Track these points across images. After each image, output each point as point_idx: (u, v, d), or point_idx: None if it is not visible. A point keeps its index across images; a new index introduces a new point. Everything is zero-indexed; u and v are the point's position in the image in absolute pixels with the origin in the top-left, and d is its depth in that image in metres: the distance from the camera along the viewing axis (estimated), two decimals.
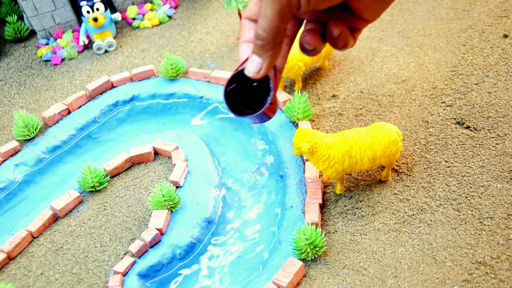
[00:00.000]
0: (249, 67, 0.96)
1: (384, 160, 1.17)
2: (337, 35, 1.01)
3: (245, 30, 1.00)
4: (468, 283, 1.01)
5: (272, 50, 0.95)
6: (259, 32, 0.92)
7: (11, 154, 1.49)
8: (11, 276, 1.22)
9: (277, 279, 1.06)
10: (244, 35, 1.00)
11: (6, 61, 1.89)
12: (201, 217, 1.26)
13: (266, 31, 0.92)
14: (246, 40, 1.00)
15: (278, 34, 0.93)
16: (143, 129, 1.58)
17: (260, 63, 0.96)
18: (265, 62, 0.96)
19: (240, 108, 1.05)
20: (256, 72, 0.97)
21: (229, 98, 1.06)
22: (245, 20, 0.99)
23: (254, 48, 0.95)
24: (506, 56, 1.47)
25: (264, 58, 0.96)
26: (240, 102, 1.05)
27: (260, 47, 0.94)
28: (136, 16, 1.97)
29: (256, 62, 0.96)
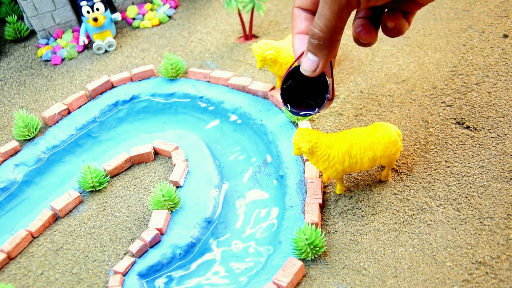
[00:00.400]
0: (304, 65, 0.97)
1: (384, 160, 1.17)
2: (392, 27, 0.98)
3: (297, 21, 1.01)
4: (468, 283, 1.01)
5: (329, 49, 0.95)
6: (316, 31, 0.92)
7: (11, 154, 1.49)
8: (11, 276, 1.22)
9: (277, 279, 1.06)
10: (296, 26, 1.01)
11: (6, 61, 1.89)
12: (201, 217, 1.26)
13: (324, 31, 0.92)
14: (299, 31, 1.01)
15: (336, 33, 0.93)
16: (143, 129, 1.58)
17: (316, 61, 0.96)
18: (321, 60, 0.96)
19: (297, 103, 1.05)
20: (313, 71, 0.97)
21: (286, 95, 1.05)
22: (296, 10, 1.02)
23: (310, 47, 0.95)
24: (506, 56, 1.47)
25: (321, 57, 0.96)
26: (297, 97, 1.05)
27: (317, 46, 0.94)
28: (136, 16, 1.97)
29: (312, 60, 0.96)
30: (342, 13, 0.90)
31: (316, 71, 0.97)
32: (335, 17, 0.90)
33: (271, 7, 1.93)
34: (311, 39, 0.94)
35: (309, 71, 0.97)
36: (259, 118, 1.47)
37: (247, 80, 1.57)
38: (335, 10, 0.89)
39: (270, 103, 1.51)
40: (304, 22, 1.00)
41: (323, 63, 0.97)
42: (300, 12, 1.02)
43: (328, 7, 0.89)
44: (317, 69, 0.97)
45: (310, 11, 1.01)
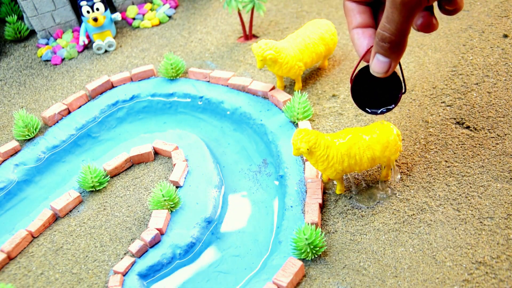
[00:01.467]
0: (376, 67, 0.97)
1: (383, 160, 1.17)
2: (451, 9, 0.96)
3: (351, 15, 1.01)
4: (468, 283, 1.01)
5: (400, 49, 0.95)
6: (387, 35, 0.92)
7: (11, 154, 1.49)
8: (11, 276, 1.22)
9: (277, 279, 1.06)
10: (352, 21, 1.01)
11: (6, 61, 1.89)
12: (201, 217, 1.26)
13: (395, 35, 0.92)
14: (356, 26, 1.00)
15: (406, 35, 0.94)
16: (143, 128, 1.58)
17: (388, 62, 0.96)
18: (393, 61, 0.96)
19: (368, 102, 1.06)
20: (385, 72, 0.97)
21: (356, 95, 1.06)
22: (348, 3, 1.01)
23: (380, 49, 0.95)
24: (506, 56, 1.47)
25: (393, 58, 0.96)
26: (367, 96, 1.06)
27: (388, 49, 0.94)
28: (136, 16, 1.97)
29: (383, 62, 0.96)
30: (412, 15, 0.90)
31: (388, 72, 0.97)
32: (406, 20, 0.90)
33: (271, 7, 1.93)
34: (381, 42, 0.94)
35: (382, 72, 0.97)
36: (259, 118, 1.47)
37: (247, 80, 1.57)
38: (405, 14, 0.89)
39: (270, 103, 1.51)
40: (359, 16, 0.99)
41: (395, 63, 0.97)
42: (352, 6, 1.00)
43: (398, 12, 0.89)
44: (390, 70, 0.97)
45: (362, 3, 1.00)
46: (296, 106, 1.40)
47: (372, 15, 1.01)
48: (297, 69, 1.46)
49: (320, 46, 1.48)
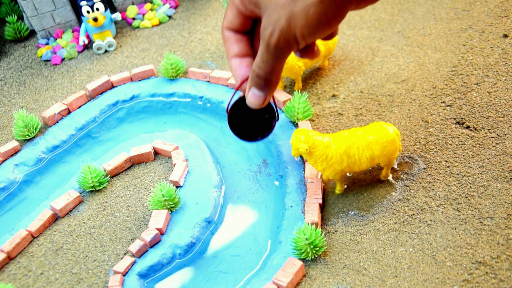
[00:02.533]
0: (251, 100, 1.01)
1: (382, 160, 1.17)
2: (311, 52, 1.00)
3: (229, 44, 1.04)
4: (468, 283, 1.01)
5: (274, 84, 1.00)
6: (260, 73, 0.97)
7: (11, 154, 1.49)
8: (11, 276, 1.22)
9: (277, 279, 1.06)
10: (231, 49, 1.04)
11: (6, 61, 1.89)
12: (201, 217, 1.26)
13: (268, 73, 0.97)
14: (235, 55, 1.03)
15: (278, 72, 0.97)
16: (143, 128, 1.58)
17: (262, 96, 1.00)
18: (267, 94, 1.00)
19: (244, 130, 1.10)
20: (260, 105, 1.02)
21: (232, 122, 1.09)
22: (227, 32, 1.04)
23: (255, 84, 0.99)
24: (506, 56, 1.47)
25: (266, 92, 1.00)
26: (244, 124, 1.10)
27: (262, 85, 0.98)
28: (136, 16, 1.97)
29: (258, 95, 1.00)
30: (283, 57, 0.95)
31: (263, 104, 1.03)
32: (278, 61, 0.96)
33: None
34: (256, 78, 0.99)
35: (257, 105, 1.03)
36: None
37: None
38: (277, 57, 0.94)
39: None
40: (236, 45, 1.04)
41: (268, 96, 1.02)
42: (230, 35, 1.04)
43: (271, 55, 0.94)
44: (265, 102, 1.02)
45: (239, 31, 1.04)
46: (296, 106, 1.40)
47: (250, 43, 1.05)
48: (297, 69, 1.46)
49: (320, 46, 1.48)
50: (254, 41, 1.05)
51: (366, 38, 1.68)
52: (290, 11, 0.87)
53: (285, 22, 0.89)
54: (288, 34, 0.90)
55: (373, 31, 1.71)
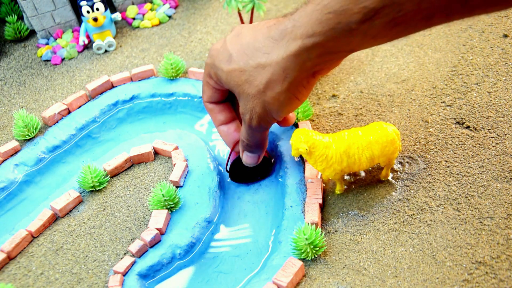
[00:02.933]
0: (247, 161, 1.16)
1: (382, 160, 1.17)
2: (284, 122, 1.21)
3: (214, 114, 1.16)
4: (468, 283, 1.01)
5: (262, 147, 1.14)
6: (248, 143, 1.10)
7: (11, 154, 1.49)
8: (11, 276, 1.22)
9: (277, 279, 1.06)
10: (217, 119, 1.17)
11: (6, 61, 1.89)
12: (201, 217, 1.26)
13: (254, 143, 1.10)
14: (221, 123, 1.17)
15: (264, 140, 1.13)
16: (143, 128, 1.58)
17: (255, 156, 1.15)
18: (259, 154, 1.16)
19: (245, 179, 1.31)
20: (255, 163, 1.17)
21: (234, 177, 1.31)
22: (209, 105, 1.15)
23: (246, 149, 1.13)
24: (506, 56, 1.48)
25: (257, 153, 1.15)
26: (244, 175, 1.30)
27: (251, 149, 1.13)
28: (136, 16, 1.97)
29: (251, 157, 1.15)
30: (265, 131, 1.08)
31: (258, 161, 1.17)
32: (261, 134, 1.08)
33: (271, 7, 1.93)
34: (245, 146, 1.12)
35: (253, 163, 1.17)
36: None
37: None
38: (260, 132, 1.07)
39: None
40: (220, 115, 1.16)
41: (261, 155, 1.16)
42: (212, 106, 1.15)
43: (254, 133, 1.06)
44: (259, 160, 1.17)
45: (219, 103, 1.15)
46: None
47: (232, 108, 1.17)
48: None
49: None
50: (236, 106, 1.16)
51: None
52: (263, 100, 0.96)
53: (260, 109, 0.98)
54: (266, 117, 1.00)
55: None
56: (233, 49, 0.97)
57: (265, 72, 0.92)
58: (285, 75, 0.91)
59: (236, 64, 0.96)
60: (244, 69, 0.95)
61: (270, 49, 0.92)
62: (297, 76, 0.92)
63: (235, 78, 0.97)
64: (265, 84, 0.93)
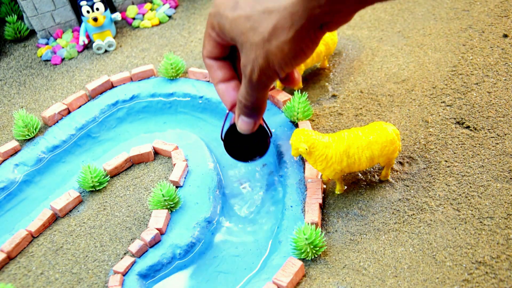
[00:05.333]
0: (241, 126, 1.07)
1: (382, 160, 1.17)
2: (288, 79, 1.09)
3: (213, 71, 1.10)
4: (468, 283, 1.01)
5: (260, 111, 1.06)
6: (246, 103, 1.02)
7: (11, 154, 1.49)
8: (11, 276, 1.22)
9: (277, 278, 1.06)
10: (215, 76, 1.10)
11: (6, 61, 1.89)
12: (201, 216, 1.26)
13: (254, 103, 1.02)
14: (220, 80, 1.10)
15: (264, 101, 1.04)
16: (143, 128, 1.58)
17: (251, 122, 1.07)
18: (255, 120, 1.07)
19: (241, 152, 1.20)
20: (250, 130, 1.08)
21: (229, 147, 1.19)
22: (208, 60, 1.09)
23: (242, 112, 1.05)
24: (506, 56, 1.48)
25: (254, 118, 1.06)
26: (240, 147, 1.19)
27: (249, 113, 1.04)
28: (136, 16, 1.97)
29: (247, 122, 1.07)
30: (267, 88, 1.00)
31: (253, 129, 1.08)
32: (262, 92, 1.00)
33: None
34: (242, 107, 1.04)
35: (247, 130, 1.08)
36: None
37: None
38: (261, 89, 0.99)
39: (269, 103, 1.51)
40: (220, 71, 1.09)
41: (257, 121, 1.08)
42: (212, 62, 1.09)
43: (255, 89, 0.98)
44: (254, 127, 1.08)
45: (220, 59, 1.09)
46: (296, 106, 1.40)
47: (232, 67, 1.10)
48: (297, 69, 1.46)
49: (320, 46, 1.48)
50: (236, 64, 1.10)
51: (366, 38, 1.68)
52: (266, 50, 0.91)
53: (263, 60, 0.92)
54: (268, 70, 0.94)
55: (373, 31, 1.71)
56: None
57: (272, 17, 0.87)
58: (292, 22, 0.86)
59: (242, 10, 0.90)
60: (250, 15, 0.89)
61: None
62: (304, 24, 0.86)
63: (240, 25, 0.91)
64: (270, 30, 0.88)
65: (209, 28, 1.02)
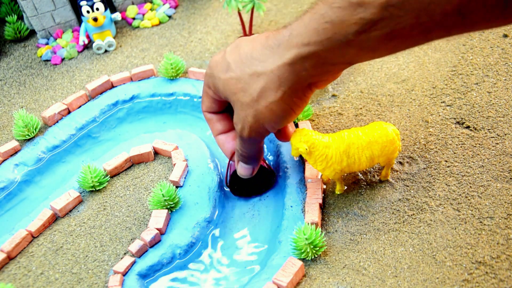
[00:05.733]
0: (241, 172, 1.14)
1: (382, 159, 1.17)
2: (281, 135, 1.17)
3: (213, 124, 1.16)
4: (468, 283, 1.01)
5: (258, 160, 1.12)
6: (242, 153, 1.08)
7: (11, 154, 1.49)
8: (11, 276, 1.22)
9: (277, 278, 1.06)
10: (215, 128, 1.16)
11: (6, 61, 1.89)
12: (201, 217, 1.26)
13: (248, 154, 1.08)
14: (219, 132, 1.16)
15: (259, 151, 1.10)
16: (143, 128, 1.58)
17: (250, 168, 1.13)
18: (254, 166, 1.14)
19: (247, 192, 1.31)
20: (250, 175, 1.15)
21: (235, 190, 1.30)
22: (208, 114, 1.15)
23: (240, 159, 1.11)
24: (506, 56, 1.48)
25: (252, 165, 1.12)
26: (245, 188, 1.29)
27: (247, 161, 1.10)
28: (136, 16, 1.97)
29: (246, 167, 1.13)
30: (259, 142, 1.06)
31: (253, 174, 1.15)
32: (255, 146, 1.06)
33: (271, 7, 1.93)
34: (240, 156, 1.09)
35: (247, 175, 1.15)
36: None
37: None
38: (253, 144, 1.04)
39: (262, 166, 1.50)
40: (219, 124, 1.15)
41: (256, 166, 1.14)
42: (211, 116, 1.14)
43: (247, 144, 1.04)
44: (253, 172, 1.15)
45: (218, 113, 1.14)
46: None
47: (230, 118, 1.15)
48: None
49: None
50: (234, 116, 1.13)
51: None
52: (256, 109, 0.95)
53: (252, 119, 0.96)
54: (257, 128, 0.98)
55: None
56: (232, 59, 0.98)
57: (260, 80, 0.92)
58: (280, 84, 0.91)
59: (233, 73, 0.96)
60: (240, 77, 0.95)
61: (266, 58, 0.92)
62: (292, 86, 0.92)
63: (231, 86, 0.97)
64: (259, 92, 0.93)
65: (206, 86, 1.09)
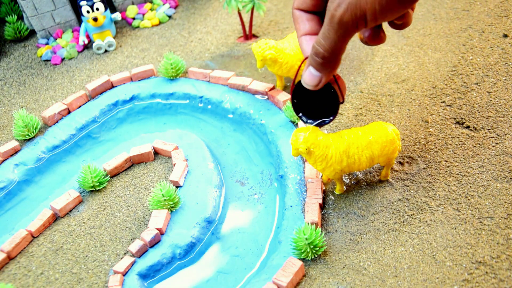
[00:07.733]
0: (307, 79, 0.96)
1: (382, 159, 1.17)
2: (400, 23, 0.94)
3: (300, 23, 1.00)
4: (468, 283, 1.01)
5: (332, 66, 0.94)
6: (320, 51, 0.91)
7: (11, 154, 1.49)
8: (11, 276, 1.22)
9: (277, 278, 1.06)
10: (300, 28, 1.00)
11: (6, 60, 1.89)
12: (201, 216, 1.26)
13: (328, 52, 0.91)
14: (304, 33, 0.99)
15: (340, 53, 0.92)
16: (143, 128, 1.58)
17: (319, 77, 0.95)
18: (324, 76, 0.95)
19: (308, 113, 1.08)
20: (314, 85, 0.96)
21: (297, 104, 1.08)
22: (296, 11, 1.00)
23: (313, 63, 0.94)
24: (506, 56, 1.48)
25: (323, 73, 0.94)
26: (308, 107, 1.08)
27: (320, 64, 0.93)
28: (136, 16, 1.97)
29: (315, 75, 0.95)
30: (347, 36, 0.88)
31: (318, 86, 0.96)
32: (341, 39, 0.89)
33: (271, 7, 1.93)
34: (315, 56, 0.93)
35: (312, 85, 0.96)
36: (259, 118, 1.47)
37: (247, 79, 1.57)
38: (341, 34, 0.87)
39: (270, 103, 1.51)
40: (308, 24, 0.99)
41: (326, 78, 0.96)
42: (301, 14, 1.00)
43: (334, 31, 0.87)
44: (320, 84, 0.96)
45: (310, 11, 1.00)
46: None
47: (320, 22, 1.00)
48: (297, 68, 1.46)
49: None
50: None
51: None
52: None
53: None
54: (356, 9, 0.82)
55: None
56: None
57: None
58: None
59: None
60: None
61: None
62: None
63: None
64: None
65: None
